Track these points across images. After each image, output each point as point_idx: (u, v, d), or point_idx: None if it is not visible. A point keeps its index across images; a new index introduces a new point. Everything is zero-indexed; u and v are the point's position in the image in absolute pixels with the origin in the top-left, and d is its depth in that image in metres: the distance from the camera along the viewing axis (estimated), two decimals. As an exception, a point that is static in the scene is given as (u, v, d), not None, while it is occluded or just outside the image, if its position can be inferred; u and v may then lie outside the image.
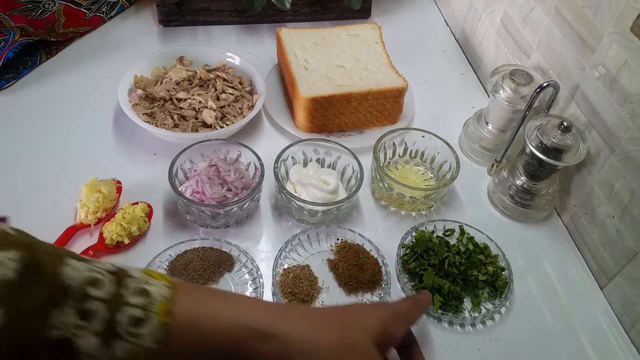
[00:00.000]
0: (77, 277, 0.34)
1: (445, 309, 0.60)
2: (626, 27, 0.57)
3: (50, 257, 0.35)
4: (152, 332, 0.35)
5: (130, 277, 0.37)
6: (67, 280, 0.34)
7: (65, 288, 0.34)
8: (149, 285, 0.37)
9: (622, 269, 0.61)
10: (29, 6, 0.89)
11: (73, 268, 0.35)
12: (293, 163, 0.70)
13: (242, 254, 0.62)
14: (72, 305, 0.34)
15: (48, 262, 0.34)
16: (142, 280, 0.37)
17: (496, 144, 0.76)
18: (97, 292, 0.35)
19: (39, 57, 0.85)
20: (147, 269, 0.40)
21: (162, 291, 0.37)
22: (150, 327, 0.35)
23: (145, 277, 0.38)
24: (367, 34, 0.84)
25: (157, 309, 0.36)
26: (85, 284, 0.34)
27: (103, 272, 0.36)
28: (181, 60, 0.82)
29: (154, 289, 0.37)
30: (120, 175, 0.68)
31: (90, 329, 0.34)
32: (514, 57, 0.81)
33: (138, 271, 0.38)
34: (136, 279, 0.37)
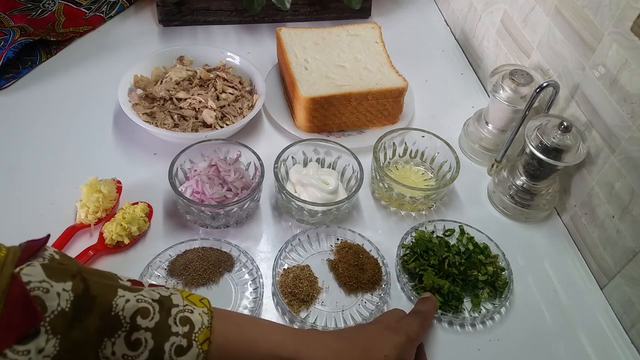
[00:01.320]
0: (128, 308, 0.36)
1: (445, 309, 0.60)
2: (626, 27, 0.57)
3: (103, 288, 0.36)
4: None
5: (174, 306, 0.38)
6: (119, 311, 0.35)
7: (116, 319, 0.35)
8: (191, 314, 0.38)
9: (622, 269, 0.61)
10: (29, 6, 0.89)
11: (124, 299, 0.36)
12: (293, 163, 0.70)
13: (242, 254, 0.62)
14: (122, 335, 0.35)
15: (100, 292, 0.35)
16: (185, 309, 0.38)
17: (496, 144, 0.76)
18: (146, 322, 0.36)
19: (39, 57, 0.85)
20: (185, 291, 0.41)
21: (202, 319, 0.39)
22: (192, 356, 0.37)
23: (186, 303, 0.39)
24: (367, 33, 0.84)
25: (199, 338, 0.38)
26: (135, 315, 0.36)
27: (150, 302, 0.37)
28: (181, 60, 0.82)
29: (195, 317, 0.38)
30: (120, 175, 0.68)
31: (139, 358, 0.35)
32: (514, 57, 0.81)
33: (178, 296, 0.39)
34: (179, 307, 0.38)
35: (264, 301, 0.59)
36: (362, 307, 0.60)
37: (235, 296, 0.60)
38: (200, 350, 0.38)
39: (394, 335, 0.50)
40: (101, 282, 0.37)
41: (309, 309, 0.59)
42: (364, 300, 0.61)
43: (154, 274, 0.60)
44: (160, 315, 0.37)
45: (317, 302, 0.60)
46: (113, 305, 0.36)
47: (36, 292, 0.34)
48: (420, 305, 0.57)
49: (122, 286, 0.38)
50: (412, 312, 0.56)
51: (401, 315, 0.55)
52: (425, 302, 0.58)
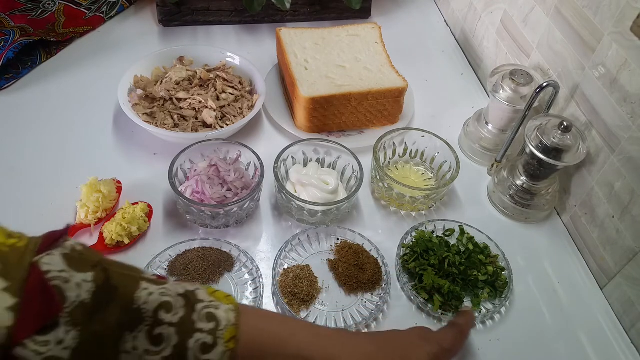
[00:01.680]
0: (151, 301, 0.35)
1: (445, 309, 0.60)
2: (626, 27, 0.57)
3: (125, 280, 0.35)
4: (219, 358, 0.35)
5: (199, 302, 0.37)
6: (141, 304, 0.34)
7: (138, 312, 0.34)
8: (216, 310, 0.37)
9: (622, 269, 0.61)
10: (29, 6, 0.89)
11: (148, 292, 0.35)
12: (293, 163, 0.70)
13: (242, 254, 0.62)
14: (144, 330, 0.34)
15: (122, 284, 0.34)
16: (210, 305, 0.37)
17: (496, 144, 0.76)
18: (169, 317, 0.35)
19: (39, 57, 0.85)
20: (210, 287, 0.40)
21: (228, 316, 0.37)
22: (218, 354, 0.35)
23: (211, 299, 0.38)
24: (367, 34, 0.84)
25: (224, 335, 0.36)
26: (159, 309, 0.35)
27: (174, 296, 0.36)
28: (181, 60, 0.82)
29: (221, 313, 0.37)
30: (120, 175, 0.68)
31: (161, 354, 0.34)
32: (514, 57, 0.81)
33: (204, 292, 0.38)
34: (205, 303, 0.37)
35: (264, 301, 0.59)
36: (362, 307, 0.60)
37: (235, 296, 0.59)
38: (226, 349, 0.36)
39: (426, 344, 0.48)
40: (123, 273, 0.36)
41: (309, 309, 0.59)
42: (364, 300, 0.61)
43: (154, 274, 0.60)
44: (185, 311, 0.36)
45: (317, 302, 0.60)
46: (135, 298, 0.34)
47: (55, 281, 0.33)
48: (458, 318, 0.55)
49: (146, 279, 0.37)
50: (449, 324, 0.54)
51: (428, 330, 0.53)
52: (463, 315, 0.55)
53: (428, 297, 0.60)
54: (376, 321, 0.59)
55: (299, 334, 0.41)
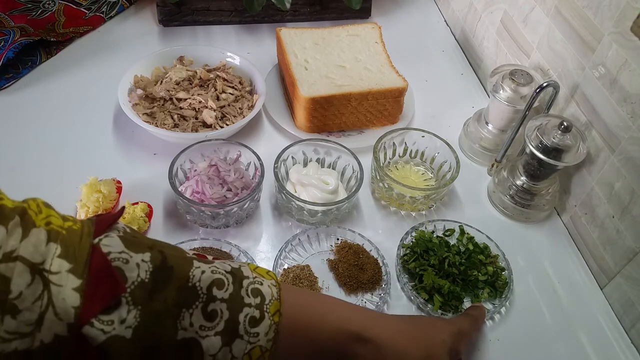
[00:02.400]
0: (204, 279, 0.36)
1: (445, 309, 0.60)
2: (626, 27, 0.57)
3: (179, 260, 0.36)
4: (266, 331, 0.37)
5: (246, 278, 0.38)
6: (195, 282, 0.35)
7: (194, 290, 0.35)
8: (261, 285, 0.38)
9: (622, 269, 0.61)
10: (29, 6, 0.89)
11: (200, 270, 0.36)
12: (293, 163, 0.70)
13: (242, 254, 0.62)
14: (199, 306, 0.35)
15: (177, 264, 0.36)
16: (254, 281, 0.38)
17: (496, 144, 0.76)
18: (221, 293, 0.36)
19: (39, 57, 0.85)
20: (252, 265, 0.41)
21: (271, 291, 0.39)
22: (265, 327, 0.37)
23: (255, 275, 0.39)
24: (367, 34, 0.84)
25: (270, 309, 0.38)
26: (211, 286, 0.36)
27: (224, 273, 0.37)
28: (181, 60, 0.82)
29: (265, 288, 0.38)
30: (120, 175, 0.68)
31: (215, 329, 0.35)
32: (514, 57, 0.81)
33: (247, 269, 0.39)
34: (250, 279, 0.38)
35: (264, 301, 0.59)
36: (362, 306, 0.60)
37: (235, 296, 0.60)
38: (272, 322, 0.37)
39: (447, 325, 0.50)
40: (176, 254, 0.37)
41: (309, 309, 0.59)
42: (364, 300, 0.61)
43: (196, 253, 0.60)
44: (234, 287, 0.37)
45: (317, 302, 0.60)
46: (190, 277, 0.35)
47: (116, 262, 0.34)
48: (471, 310, 0.57)
49: (196, 258, 0.38)
50: (463, 313, 0.57)
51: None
52: (475, 308, 0.58)
53: (428, 297, 0.60)
54: (376, 321, 0.59)
55: (337, 309, 0.43)
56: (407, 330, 0.46)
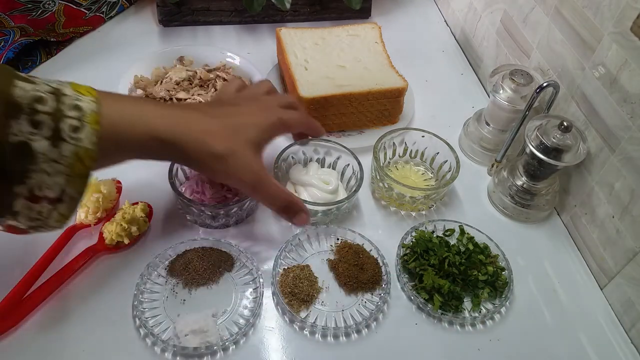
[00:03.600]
0: (26, 96, 0.42)
1: (445, 309, 0.60)
2: (626, 27, 0.57)
3: (3, 79, 0.42)
4: (87, 136, 0.44)
5: (65, 95, 0.45)
6: (18, 99, 0.42)
7: (17, 105, 0.42)
8: (80, 102, 0.45)
9: (622, 269, 0.61)
10: (29, 6, 0.89)
11: (21, 89, 0.42)
12: (293, 163, 0.70)
13: (242, 254, 0.62)
14: (25, 118, 0.42)
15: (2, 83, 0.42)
16: (74, 97, 0.45)
17: (496, 144, 0.76)
18: (43, 107, 0.43)
19: (39, 57, 0.85)
20: (75, 84, 0.47)
21: (90, 106, 0.46)
22: (86, 133, 0.44)
23: (75, 93, 0.46)
24: (367, 34, 0.84)
25: (89, 120, 0.45)
26: (33, 102, 0.42)
27: (45, 92, 0.44)
28: (181, 60, 0.82)
29: (84, 104, 0.45)
30: (120, 175, 0.68)
31: (41, 134, 0.42)
32: (514, 57, 0.81)
33: (69, 88, 0.46)
34: (70, 96, 0.45)
35: (264, 301, 0.60)
36: (362, 306, 0.60)
37: (235, 296, 0.60)
38: (93, 129, 0.45)
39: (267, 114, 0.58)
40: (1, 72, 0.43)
41: (309, 309, 0.59)
42: (364, 300, 0.61)
43: (154, 273, 0.60)
44: (55, 103, 0.44)
45: (317, 302, 0.60)
46: (12, 94, 0.42)
47: None
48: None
49: (20, 77, 0.43)
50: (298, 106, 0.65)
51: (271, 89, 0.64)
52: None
53: (428, 297, 0.60)
54: (376, 321, 0.59)
55: (151, 118, 0.50)
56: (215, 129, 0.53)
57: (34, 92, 0.43)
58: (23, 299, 0.56)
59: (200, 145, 0.52)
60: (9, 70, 0.44)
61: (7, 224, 0.46)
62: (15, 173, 0.42)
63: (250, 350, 0.56)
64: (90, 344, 0.55)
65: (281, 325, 0.58)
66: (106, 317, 0.57)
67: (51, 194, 0.44)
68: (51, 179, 0.44)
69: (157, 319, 0.57)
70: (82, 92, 0.47)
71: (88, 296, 0.58)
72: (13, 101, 0.42)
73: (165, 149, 0.52)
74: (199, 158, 0.53)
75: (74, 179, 0.45)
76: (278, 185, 0.58)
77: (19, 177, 0.42)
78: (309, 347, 0.57)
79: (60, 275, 0.58)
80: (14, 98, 0.42)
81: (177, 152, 0.52)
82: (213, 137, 0.53)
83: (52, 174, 0.44)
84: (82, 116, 0.45)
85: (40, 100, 0.43)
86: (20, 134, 0.42)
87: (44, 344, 0.54)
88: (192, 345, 0.54)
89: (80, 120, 0.44)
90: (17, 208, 0.44)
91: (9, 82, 0.42)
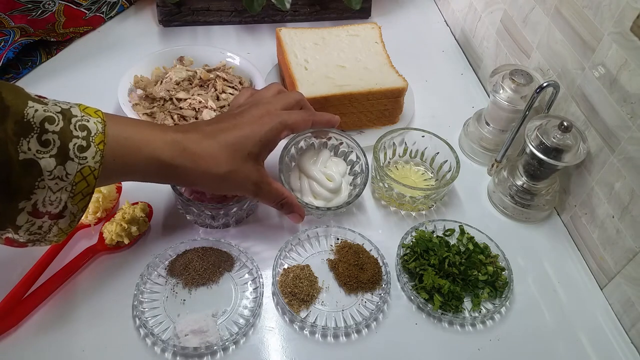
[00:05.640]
0: (37, 116, 0.44)
1: (445, 309, 0.60)
2: (626, 27, 0.57)
3: (16, 99, 0.43)
4: (92, 156, 0.47)
5: (74, 116, 0.47)
6: (30, 118, 0.44)
7: (29, 124, 0.43)
8: (87, 122, 0.47)
9: (622, 269, 0.61)
10: (29, 6, 0.89)
11: (34, 109, 0.44)
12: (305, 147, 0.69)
13: (242, 254, 0.62)
14: (35, 136, 0.44)
15: (14, 103, 0.43)
16: (82, 118, 0.47)
17: (496, 144, 0.76)
18: (52, 127, 0.45)
19: (39, 57, 0.85)
20: (83, 105, 0.49)
21: (97, 127, 0.47)
22: (91, 153, 0.46)
23: (83, 114, 0.48)
24: (367, 34, 0.84)
25: (95, 140, 0.47)
26: (44, 121, 0.44)
27: (55, 113, 0.45)
28: (181, 60, 0.82)
29: (91, 124, 0.47)
30: (120, 175, 0.68)
31: (49, 153, 0.44)
32: (514, 57, 0.81)
33: (77, 109, 0.48)
34: (77, 117, 0.47)
35: (264, 301, 0.60)
36: (362, 306, 0.60)
37: (235, 296, 0.60)
38: (98, 149, 0.47)
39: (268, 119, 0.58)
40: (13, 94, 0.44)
41: (309, 309, 0.59)
42: (364, 299, 0.61)
43: (154, 273, 0.60)
44: (64, 123, 0.45)
45: (317, 302, 0.60)
46: (25, 114, 0.43)
47: None
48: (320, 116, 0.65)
49: (32, 98, 0.45)
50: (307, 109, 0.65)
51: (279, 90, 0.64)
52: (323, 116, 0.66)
53: (428, 297, 0.60)
54: (376, 321, 0.59)
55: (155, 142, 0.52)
56: (213, 152, 0.55)
57: (45, 112, 0.45)
58: (23, 299, 0.56)
59: (202, 169, 0.54)
60: (22, 91, 0.45)
61: (6, 237, 0.47)
62: (22, 189, 0.44)
63: (250, 350, 0.56)
64: (90, 344, 0.55)
65: (281, 325, 0.58)
66: (106, 317, 0.57)
67: (54, 210, 0.46)
68: (55, 195, 0.46)
69: (157, 319, 0.57)
70: (90, 113, 0.48)
71: (88, 296, 0.58)
72: (26, 121, 0.43)
73: (167, 173, 0.53)
74: (202, 180, 0.55)
75: (77, 195, 0.47)
76: (277, 187, 0.60)
77: (26, 192, 0.44)
78: (309, 347, 0.57)
79: (60, 275, 0.58)
80: (27, 118, 0.44)
81: (179, 176, 0.54)
82: (213, 160, 0.55)
83: (56, 190, 0.45)
84: (88, 136, 0.47)
85: (50, 120, 0.45)
86: (29, 152, 0.43)
87: (44, 344, 0.55)
88: (192, 345, 0.54)
89: (87, 140, 0.46)
90: (20, 222, 0.45)
91: (23, 102, 0.44)
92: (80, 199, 0.47)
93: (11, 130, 0.42)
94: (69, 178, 0.46)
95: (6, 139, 0.42)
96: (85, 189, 0.47)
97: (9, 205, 0.44)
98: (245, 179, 0.57)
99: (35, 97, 0.46)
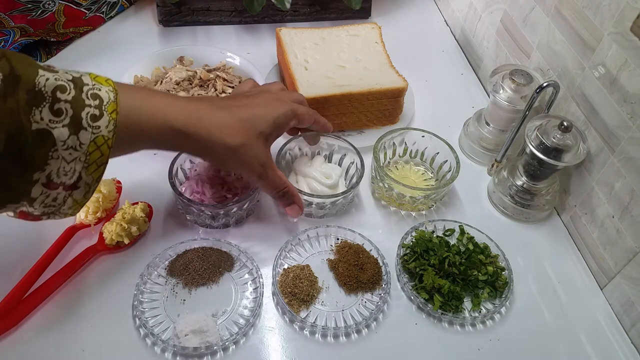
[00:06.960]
0: (49, 85, 0.43)
1: (445, 309, 0.60)
2: (626, 27, 0.57)
3: (27, 68, 0.42)
4: (106, 125, 0.46)
5: (85, 85, 0.46)
6: (41, 87, 0.42)
7: (40, 93, 0.42)
8: (99, 91, 0.46)
9: (622, 269, 0.61)
10: (29, 6, 0.89)
11: (45, 78, 0.43)
12: (299, 154, 0.70)
13: (242, 254, 0.62)
14: (47, 105, 0.43)
15: (25, 72, 0.42)
16: (94, 87, 0.46)
17: (496, 144, 0.76)
18: (64, 96, 0.44)
19: (39, 57, 0.85)
20: (93, 74, 0.48)
21: (109, 95, 0.47)
22: (104, 122, 0.46)
23: (94, 83, 0.47)
24: (367, 34, 0.84)
25: (108, 109, 0.46)
26: (55, 90, 0.43)
27: (66, 81, 0.44)
28: (181, 60, 0.82)
29: (103, 93, 0.46)
30: (120, 175, 0.68)
31: (62, 122, 0.43)
32: (514, 57, 0.81)
33: (88, 77, 0.47)
34: (89, 85, 0.46)
35: (264, 301, 0.60)
36: (362, 306, 0.60)
37: (235, 296, 0.60)
38: (111, 118, 0.46)
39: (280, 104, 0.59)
40: (23, 63, 0.42)
41: (309, 309, 0.59)
42: (364, 299, 0.61)
43: (154, 273, 0.60)
44: (75, 91, 0.44)
45: (317, 302, 0.60)
46: (36, 83, 0.42)
47: None
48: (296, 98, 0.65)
49: (42, 67, 0.44)
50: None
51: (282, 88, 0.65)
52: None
53: (428, 297, 0.60)
54: (376, 321, 0.59)
55: (168, 109, 0.51)
56: (226, 122, 0.55)
57: (56, 81, 0.44)
58: (23, 299, 0.56)
59: (214, 138, 0.54)
60: (31, 60, 0.44)
61: (20, 211, 0.46)
62: (36, 160, 0.43)
63: (250, 350, 0.56)
64: (90, 344, 0.55)
65: (281, 325, 0.58)
66: (106, 317, 0.57)
67: (68, 181, 0.45)
68: (69, 165, 0.45)
69: (157, 319, 0.57)
70: (101, 82, 0.48)
71: (88, 296, 0.58)
72: (37, 90, 0.42)
73: (179, 140, 0.53)
74: (213, 150, 0.55)
75: (91, 165, 0.46)
76: (280, 175, 0.60)
77: (40, 163, 0.43)
78: (309, 347, 0.57)
79: (60, 275, 0.58)
80: (38, 87, 0.42)
81: (191, 144, 0.54)
82: (227, 130, 0.54)
83: (70, 160, 0.45)
84: (101, 105, 0.46)
85: (62, 88, 0.44)
86: (41, 122, 0.42)
87: (44, 343, 0.55)
88: (192, 345, 0.54)
89: (99, 109, 0.46)
90: (35, 194, 0.44)
91: (34, 72, 0.43)
92: (95, 169, 0.47)
93: (23, 100, 0.41)
94: (82, 148, 0.45)
95: (19, 109, 0.41)
96: (100, 159, 0.46)
97: (23, 177, 0.43)
98: (254, 157, 0.57)
99: (45, 66, 0.45)
